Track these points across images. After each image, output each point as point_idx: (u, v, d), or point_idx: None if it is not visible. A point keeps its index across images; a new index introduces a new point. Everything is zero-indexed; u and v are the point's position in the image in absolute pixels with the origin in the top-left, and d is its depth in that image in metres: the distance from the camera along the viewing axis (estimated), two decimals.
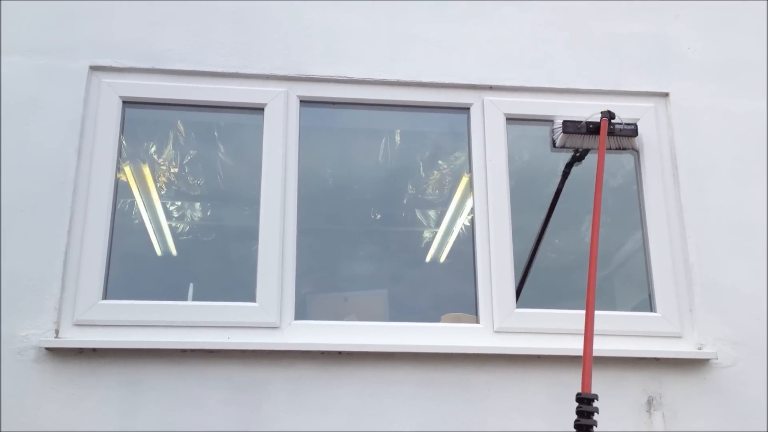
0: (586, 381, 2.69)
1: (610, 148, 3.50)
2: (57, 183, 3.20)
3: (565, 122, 3.48)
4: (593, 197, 3.10)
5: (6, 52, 3.37)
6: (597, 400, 2.65)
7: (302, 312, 3.26)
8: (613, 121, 3.44)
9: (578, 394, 2.67)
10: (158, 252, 3.53)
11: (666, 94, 3.62)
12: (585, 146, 3.54)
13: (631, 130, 3.47)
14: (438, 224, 3.66)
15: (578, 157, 3.60)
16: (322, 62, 3.53)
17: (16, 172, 3.20)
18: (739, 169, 3.50)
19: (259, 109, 3.46)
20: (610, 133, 3.44)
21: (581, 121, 3.47)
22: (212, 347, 3.04)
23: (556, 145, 3.53)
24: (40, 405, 2.94)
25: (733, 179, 3.49)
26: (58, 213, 3.16)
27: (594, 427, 2.60)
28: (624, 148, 3.55)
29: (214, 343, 3.05)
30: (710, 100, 3.60)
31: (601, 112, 3.44)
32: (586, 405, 2.64)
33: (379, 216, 3.67)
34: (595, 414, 2.62)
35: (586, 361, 2.72)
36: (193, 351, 3.04)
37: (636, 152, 3.54)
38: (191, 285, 3.30)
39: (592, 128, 3.45)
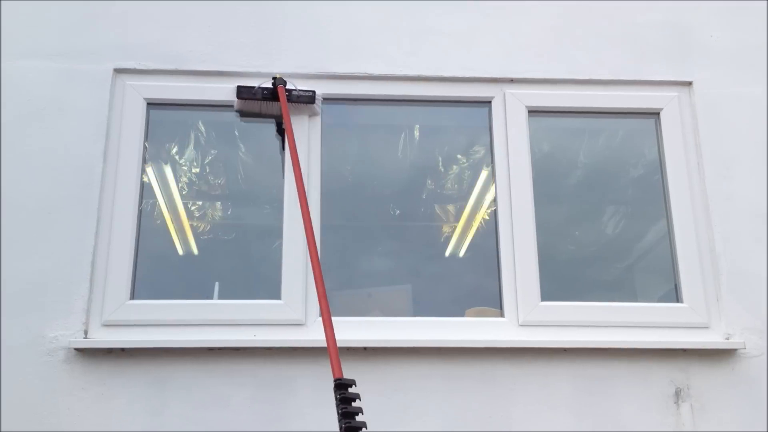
0: (337, 367, 2.54)
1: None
2: (83, 185, 3.24)
3: (239, 87, 3.42)
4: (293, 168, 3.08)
5: (31, 57, 3.42)
6: (354, 385, 2.45)
7: None
8: (288, 88, 3.39)
9: (337, 381, 2.46)
10: (180, 252, 3.56)
11: (689, 83, 3.59)
12: (265, 112, 3.46)
13: (308, 97, 3.41)
14: (457, 219, 3.66)
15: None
16: (342, 59, 3.54)
17: (43, 175, 3.25)
18: (764, 156, 3.46)
19: None
20: (288, 100, 3.38)
21: (255, 87, 3.41)
22: (238, 345, 3.07)
23: (235, 109, 3.47)
24: (69, 405, 2.98)
25: (758, 167, 3.45)
26: (85, 215, 3.20)
27: (360, 413, 2.40)
28: (310, 114, 3.47)
29: (240, 341, 3.07)
30: (734, 88, 3.56)
31: (273, 78, 3.40)
32: (345, 391, 2.44)
33: (398, 211, 3.68)
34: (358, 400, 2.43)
35: (332, 348, 2.61)
36: (219, 349, 3.06)
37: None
38: (216, 284, 3.33)
39: (267, 94, 3.40)
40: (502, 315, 3.27)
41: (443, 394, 3.09)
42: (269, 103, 3.42)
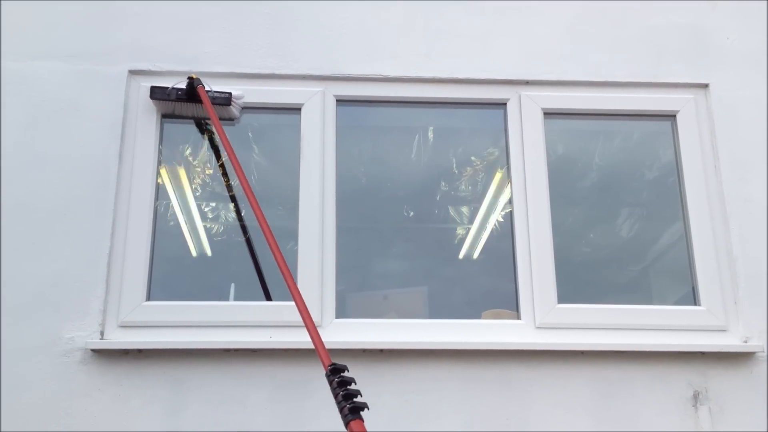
0: (325, 355, 2.51)
1: (203, 117, 3.43)
2: (99, 186, 3.24)
3: (152, 88, 3.36)
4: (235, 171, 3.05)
5: (46, 58, 3.42)
6: (348, 371, 2.41)
7: (342, 310, 3.27)
8: (200, 86, 3.32)
9: (331, 366, 2.42)
10: (194, 253, 3.55)
11: (706, 85, 3.58)
12: (182, 113, 3.42)
13: (224, 99, 3.36)
14: (471, 221, 3.65)
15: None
16: (357, 61, 3.54)
17: (58, 176, 3.25)
18: None
19: (296, 110, 3.48)
20: (199, 101, 3.33)
21: (168, 87, 3.36)
22: (255, 347, 3.06)
23: (161, 113, 3.42)
24: (86, 406, 2.97)
25: None
26: (100, 216, 3.20)
27: (360, 395, 2.35)
28: (222, 118, 3.42)
29: (257, 343, 3.06)
30: (751, 90, 3.55)
31: (189, 78, 3.33)
32: (341, 375, 2.39)
33: (412, 213, 3.67)
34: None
35: (315, 339, 2.57)
36: (236, 350, 3.06)
37: (233, 121, 3.47)
38: (233, 285, 3.32)
39: (182, 94, 3.34)
40: (518, 317, 3.26)
41: (460, 397, 3.08)
42: (183, 104, 3.40)
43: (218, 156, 3.52)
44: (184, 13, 3.56)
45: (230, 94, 3.39)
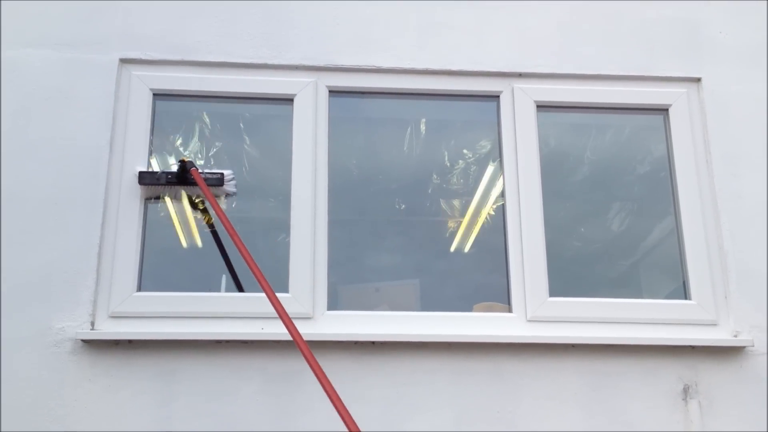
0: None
1: (197, 203, 3.36)
2: (89, 176, 3.22)
3: (140, 174, 3.23)
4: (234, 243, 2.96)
5: (36, 46, 3.39)
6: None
7: (334, 302, 3.26)
8: (194, 169, 3.21)
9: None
10: (185, 244, 3.53)
11: (698, 79, 3.58)
12: (175, 196, 3.33)
13: (216, 179, 3.25)
14: (463, 214, 3.64)
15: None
16: (350, 52, 3.52)
17: (48, 165, 3.22)
18: None
19: (288, 100, 3.46)
20: (191, 183, 3.22)
21: (158, 172, 3.26)
22: (246, 338, 3.05)
23: (145, 197, 3.29)
24: (76, 396, 2.96)
25: (767, 164, 3.44)
26: (91, 206, 3.18)
27: None
28: (218, 196, 3.32)
29: (248, 334, 3.06)
30: (743, 84, 3.56)
31: (179, 161, 3.22)
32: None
33: (404, 206, 3.66)
34: None
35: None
36: (227, 342, 3.05)
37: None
38: (224, 276, 3.30)
39: (171, 178, 3.23)
40: (510, 310, 3.26)
41: (451, 389, 3.08)
42: (174, 187, 3.28)
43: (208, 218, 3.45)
44: (176, 2, 3.53)
45: (222, 174, 3.29)
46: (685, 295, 3.33)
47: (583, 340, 3.15)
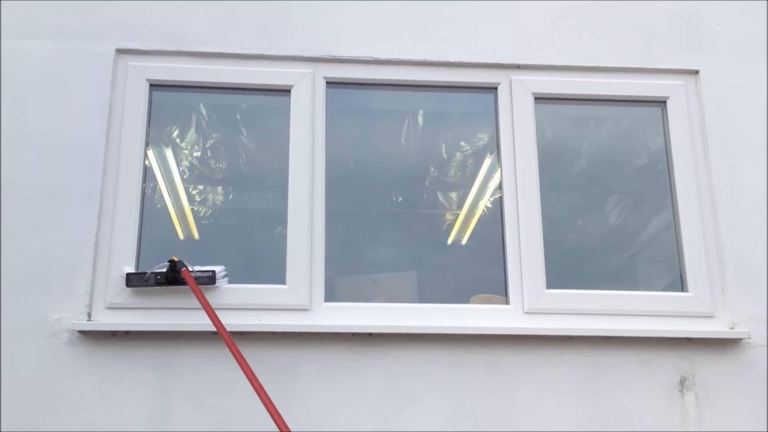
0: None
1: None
2: (86, 167, 3.21)
3: (128, 276, 3.09)
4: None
5: (32, 36, 3.37)
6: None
7: (331, 294, 3.26)
8: (185, 269, 3.07)
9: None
10: (181, 236, 3.53)
11: (696, 72, 3.58)
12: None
13: (208, 278, 3.12)
14: (460, 206, 3.64)
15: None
16: (348, 43, 3.51)
17: (44, 156, 3.21)
18: None
19: (285, 91, 3.45)
20: (181, 283, 3.06)
21: (146, 273, 3.10)
22: (243, 329, 3.04)
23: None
24: (73, 387, 2.96)
25: (764, 157, 3.45)
26: (87, 197, 3.17)
27: None
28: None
29: (245, 325, 3.05)
30: (741, 77, 3.56)
31: (169, 260, 3.07)
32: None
33: (401, 198, 3.66)
34: None
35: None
36: None
37: None
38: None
39: (161, 279, 3.08)
40: (507, 302, 3.26)
41: (449, 381, 3.08)
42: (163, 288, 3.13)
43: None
44: None
45: (213, 272, 3.15)
46: (682, 287, 3.33)
47: (580, 332, 3.15)
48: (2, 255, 3.07)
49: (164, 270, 3.09)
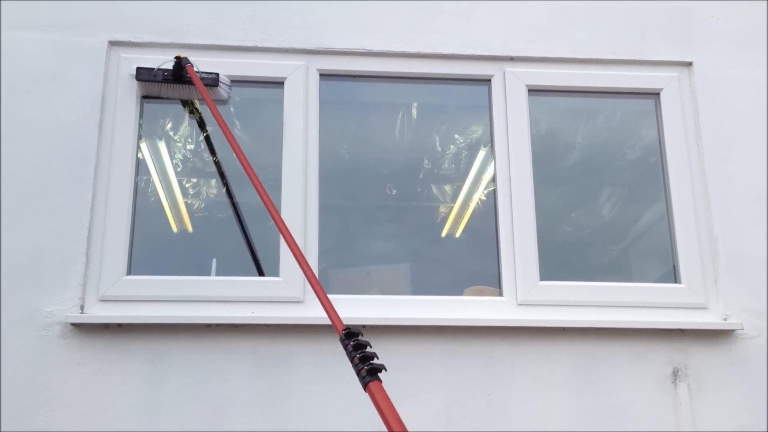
0: (337, 320, 2.44)
1: (187, 101, 3.38)
2: (78, 158, 3.20)
3: (138, 69, 3.30)
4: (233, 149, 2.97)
5: (24, 28, 3.36)
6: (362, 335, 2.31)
7: (325, 286, 3.23)
8: (189, 65, 3.24)
9: (346, 330, 2.31)
10: (175, 229, 3.53)
11: (689, 64, 3.58)
12: (168, 94, 3.38)
13: (212, 79, 3.29)
14: (454, 199, 3.64)
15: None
16: (341, 35, 3.50)
17: (37, 148, 3.20)
18: (764, 138, 3.47)
19: (278, 83, 3.44)
20: (187, 81, 3.27)
21: (154, 69, 3.30)
22: (237, 321, 3.04)
23: (140, 94, 3.37)
24: (66, 380, 2.95)
25: (758, 149, 3.45)
26: (80, 189, 3.16)
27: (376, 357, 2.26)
28: (214, 99, 3.33)
29: (239, 318, 3.05)
30: (734, 69, 3.56)
31: (176, 57, 3.25)
32: (358, 338, 2.29)
33: (395, 191, 3.65)
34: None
35: (328, 307, 2.50)
36: (217, 325, 3.04)
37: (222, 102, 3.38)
38: (214, 260, 3.29)
39: (168, 75, 3.29)
40: (500, 294, 3.26)
41: (442, 373, 3.08)
42: (170, 85, 3.34)
43: (203, 128, 3.46)
44: None
45: (217, 75, 3.32)
46: (675, 278, 3.34)
47: (574, 323, 3.15)
48: None
49: (171, 67, 3.25)
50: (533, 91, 3.53)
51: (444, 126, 3.67)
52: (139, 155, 3.35)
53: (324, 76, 3.50)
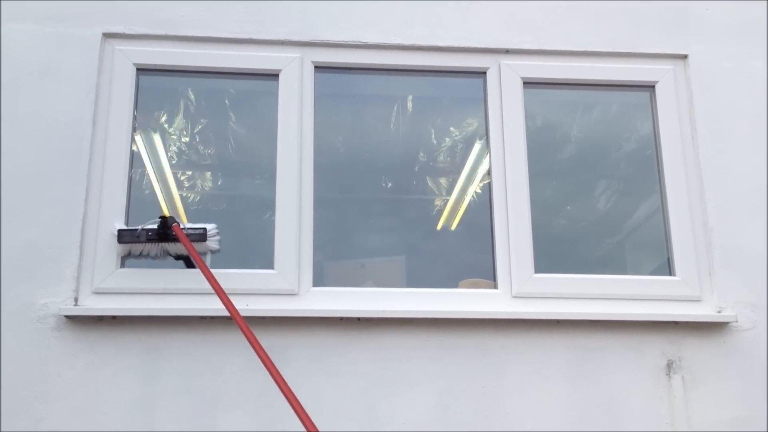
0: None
1: (179, 257, 3.21)
2: (73, 151, 3.19)
3: (120, 231, 3.10)
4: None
5: (18, 20, 3.34)
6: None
7: (320, 279, 3.25)
8: (176, 224, 3.08)
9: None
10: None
11: (685, 56, 3.58)
12: (154, 252, 3.17)
13: (199, 235, 3.11)
14: (449, 192, 3.64)
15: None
16: (336, 27, 3.49)
17: (31, 140, 3.19)
18: (759, 131, 3.47)
19: (273, 76, 3.44)
20: (172, 239, 3.08)
21: (137, 229, 3.11)
22: None
23: (121, 255, 3.16)
24: (60, 372, 2.95)
25: (753, 142, 3.46)
26: (74, 181, 3.15)
27: None
28: (202, 252, 3.17)
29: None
30: (729, 61, 3.56)
31: (160, 217, 3.08)
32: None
33: (390, 184, 3.65)
34: None
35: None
36: (212, 318, 3.04)
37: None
38: (208, 252, 3.27)
39: (152, 235, 3.08)
40: (495, 287, 3.26)
41: (437, 365, 3.08)
42: (155, 244, 3.13)
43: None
44: None
45: (204, 229, 3.15)
46: (670, 271, 3.34)
47: (568, 315, 3.15)
48: None
49: (155, 226, 3.09)
50: (529, 83, 3.52)
51: (439, 119, 3.67)
52: (134, 147, 3.34)
53: (319, 68, 3.49)
